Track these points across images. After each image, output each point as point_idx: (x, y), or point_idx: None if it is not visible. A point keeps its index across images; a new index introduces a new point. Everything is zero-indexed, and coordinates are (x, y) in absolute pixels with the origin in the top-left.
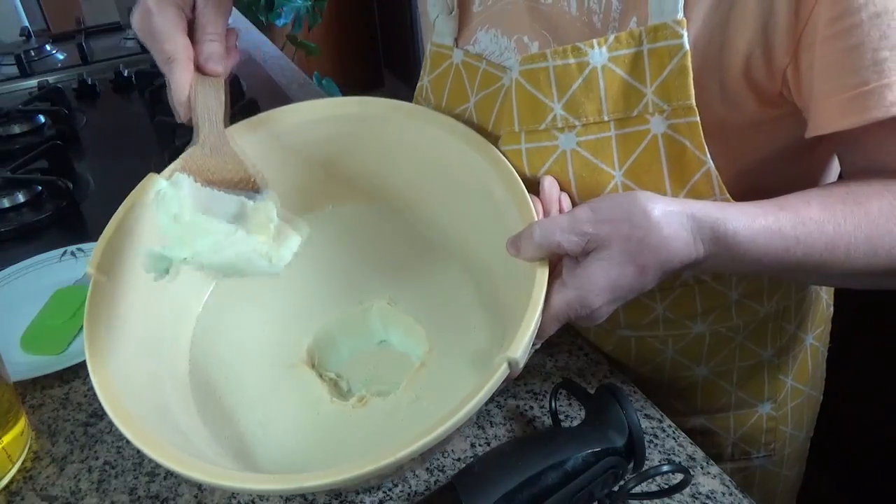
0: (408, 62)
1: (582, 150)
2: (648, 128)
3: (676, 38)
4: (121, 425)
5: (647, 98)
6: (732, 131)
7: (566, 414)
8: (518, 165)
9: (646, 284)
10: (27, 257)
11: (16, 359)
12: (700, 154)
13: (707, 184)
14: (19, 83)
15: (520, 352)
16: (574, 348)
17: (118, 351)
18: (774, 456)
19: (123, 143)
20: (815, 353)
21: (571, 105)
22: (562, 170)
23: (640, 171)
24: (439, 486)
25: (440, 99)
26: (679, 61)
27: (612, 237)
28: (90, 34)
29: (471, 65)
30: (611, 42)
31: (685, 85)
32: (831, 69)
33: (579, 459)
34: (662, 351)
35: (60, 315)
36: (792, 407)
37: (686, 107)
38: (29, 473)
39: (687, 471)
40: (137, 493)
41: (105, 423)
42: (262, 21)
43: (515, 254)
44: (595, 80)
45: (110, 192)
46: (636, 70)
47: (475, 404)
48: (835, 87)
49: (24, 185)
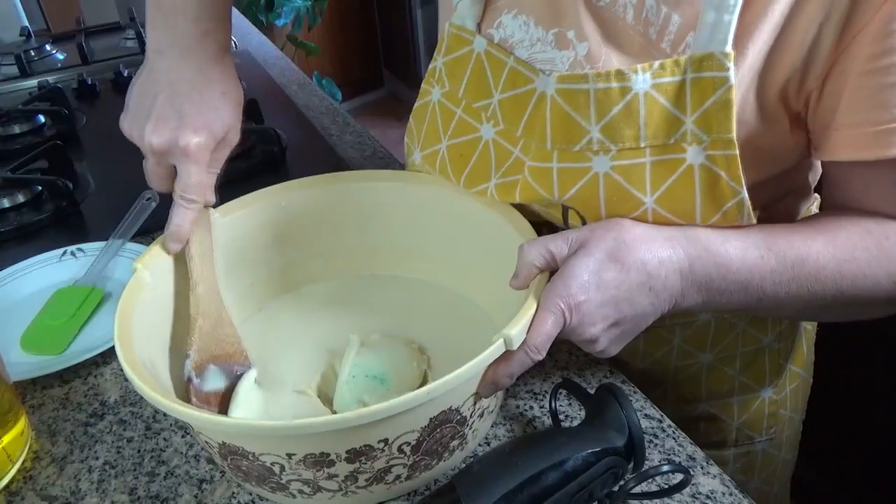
0: (408, 62)
1: (615, 175)
2: (684, 157)
3: (723, 71)
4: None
5: (686, 127)
6: (756, 145)
7: (566, 414)
8: (548, 185)
9: (633, 290)
10: (27, 257)
11: (16, 359)
12: (736, 185)
13: (738, 211)
14: (19, 83)
15: (516, 329)
16: (574, 348)
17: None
18: (775, 439)
19: (123, 143)
20: (808, 337)
21: (609, 129)
22: (592, 193)
23: (673, 199)
24: (439, 486)
25: (457, 87)
26: (723, 94)
27: (591, 237)
28: (90, 34)
29: (495, 57)
30: (655, 69)
31: (727, 118)
32: (864, 102)
33: (579, 459)
34: (670, 340)
35: (60, 315)
36: (790, 390)
37: (726, 140)
38: (29, 473)
39: (687, 471)
40: (137, 493)
41: (105, 422)
42: (262, 21)
43: (517, 284)
44: (636, 106)
45: (110, 192)
46: (678, 99)
47: (464, 371)
48: (865, 120)
49: (24, 185)
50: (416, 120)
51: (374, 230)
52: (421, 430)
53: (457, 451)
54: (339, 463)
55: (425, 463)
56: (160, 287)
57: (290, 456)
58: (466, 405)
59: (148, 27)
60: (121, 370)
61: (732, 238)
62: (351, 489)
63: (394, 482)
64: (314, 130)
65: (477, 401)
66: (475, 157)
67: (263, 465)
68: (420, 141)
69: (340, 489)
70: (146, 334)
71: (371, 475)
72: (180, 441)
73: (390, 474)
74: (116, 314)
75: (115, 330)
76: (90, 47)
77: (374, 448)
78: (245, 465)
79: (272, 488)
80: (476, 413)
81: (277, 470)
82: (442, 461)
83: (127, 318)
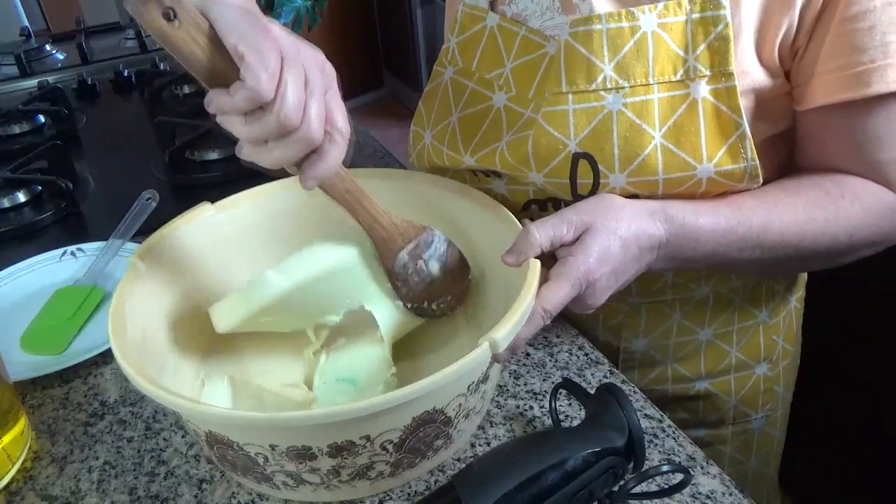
0: (408, 62)
1: (627, 111)
2: (688, 92)
3: (720, 9)
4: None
5: (689, 63)
6: (764, 98)
7: (566, 414)
8: (563, 127)
9: (628, 263)
10: (27, 257)
11: (16, 359)
12: (736, 117)
13: (741, 145)
14: (19, 83)
15: (501, 333)
16: (574, 348)
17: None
18: (770, 416)
19: (123, 143)
20: (797, 314)
21: (621, 67)
22: (606, 129)
23: (679, 133)
24: (439, 486)
25: (470, 62)
26: (722, 31)
27: (594, 218)
28: (90, 34)
29: (507, 29)
30: (660, 9)
31: (726, 51)
32: (843, 47)
33: (579, 459)
34: (670, 315)
35: (60, 315)
36: (783, 367)
37: (726, 73)
38: (29, 473)
39: (687, 471)
40: (137, 493)
41: (105, 422)
42: None
43: (513, 261)
44: (645, 44)
45: (110, 192)
46: (681, 37)
47: (447, 374)
48: (844, 63)
49: (24, 185)
50: (427, 102)
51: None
52: (404, 428)
53: (441, 451)
54: (322, 457)
55: (409, 461)
56: (156, 277)
57: (273, 447)
58: (451, 406)
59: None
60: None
61: (705, 212)
62: (334, 483)
63: (377, 478)
64: None
65: (478, 387)
66: (486, 124)
67: (248, 455)
68: (430, 121)
69: (323, 482)
70: (141, 321)
71: (354, 470)
72: (180, 441)
73: (373, 470)
74: (114, 296)
75: (109, 313)
76: (90, 47)
77: (355, 444)
78: (230, 454)
79: (257, 479)
80: (462, 414)
81: (261, 461)
82: (426, 460)
83: (122, 302)
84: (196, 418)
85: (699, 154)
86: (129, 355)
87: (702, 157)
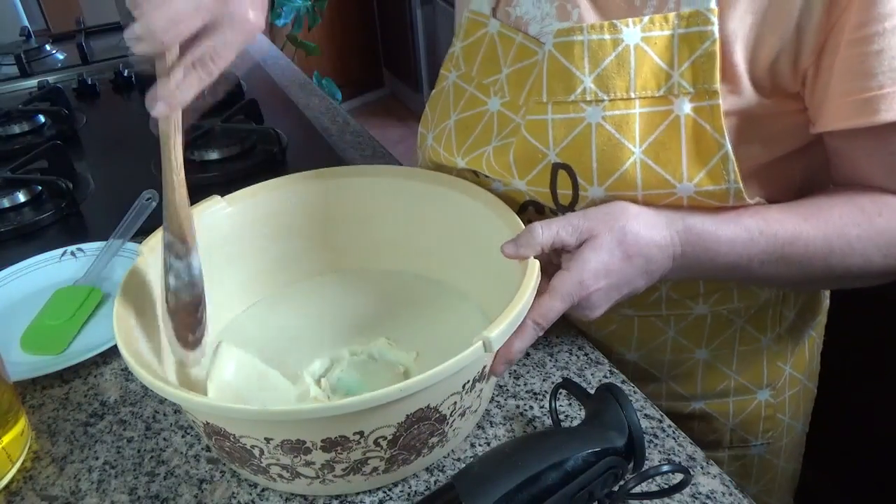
0: (408, 62)
1: (606, 125)
2: (672, 108)
3: (707, 25)
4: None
5: (673, 80)
6: (757, 120)
7: (566, 414)
8: (543, 137)
9: (633, 275)
10: (27, 257)
11: (16, 359)
12: (719, 137)
13: (723, 167)
14: (19, 83)
15: (496, 332)
16: (574, 348)
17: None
18: (772, 445)
19: (123, 143)
20: (812, 343)
21: (602, 79)
22: (585, 142)
23: (660, 149)
24: (439, 486)
25: (471, 67)
26: (708, 47)
27: (600, 226)
28: (90, 34)
29: (507, 36)
30: (645, 23)
31: (711, 69)
32: (851, 71)
33: (579, 459)
34: (664, 331)
35: (60, 315)
36: (790, 395)
37: (710, 91)
38: (29, 473)
39: (687, 471)
40: (137, 493)
41: (105, 422)
42: None
43: (513, 252)
44: (627, 58)
45: (110, 192)
46: (667, 52)
47: (439, 371)
48: (852, 88)
49: (24, 185)
50: (432, 105)
51: (373, 224)
52: (397, 425)
53: (436, 448)
54: (315, 451)
55: (403, 457)
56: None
57: (269, 440)
58: (446, 404)
59: None
60: (121, 370)
61: (726, 223)
62: (328, 477)
63: (371, 474)
64: (314, 130)
65: (482, 385)
66: (479, 128)
67: (244, 447)
68: (433, 123)
69: (318, 476)
70: (147, 313)
71: (348, 465)
72: (180, 441)
73: (367, 466)
74: (119, 286)
75: (115, 302)
76: (90, 47)
77: (349, 439)
78: (227, 445)
79: (253, 471)
80: (457, 412)
81: (257, 453)
82: (421, 457)
83: (128, 292)
84: (193, 409)
85: (679, 173)
86: (131, 345)
87: (682, 177)
